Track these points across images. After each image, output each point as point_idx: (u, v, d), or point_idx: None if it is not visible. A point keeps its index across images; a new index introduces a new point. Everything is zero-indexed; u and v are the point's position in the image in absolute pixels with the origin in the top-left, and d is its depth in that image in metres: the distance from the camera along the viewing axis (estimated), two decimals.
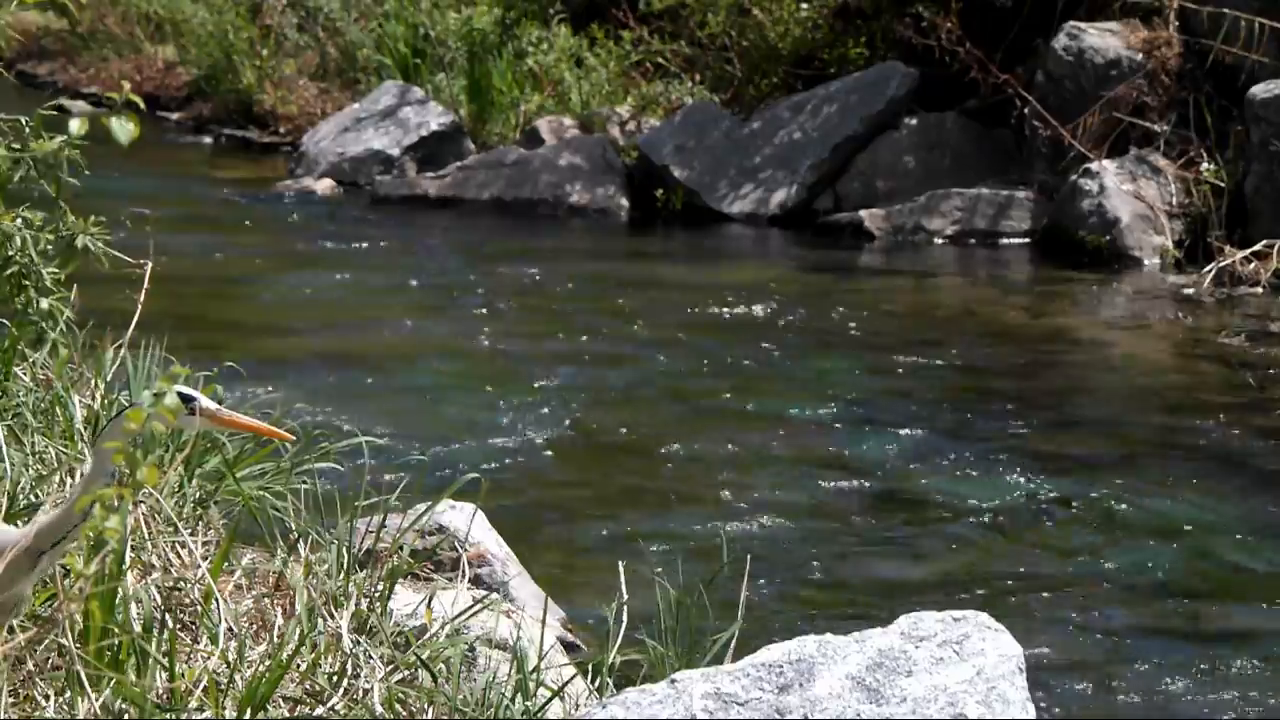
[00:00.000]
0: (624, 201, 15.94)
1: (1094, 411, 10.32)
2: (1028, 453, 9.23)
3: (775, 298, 12.89)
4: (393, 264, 13.88)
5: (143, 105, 4.21)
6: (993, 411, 10.06)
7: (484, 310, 12.35)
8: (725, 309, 12.58)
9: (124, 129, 3.92)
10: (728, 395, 10.21)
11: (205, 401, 3.85)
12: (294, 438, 4.70)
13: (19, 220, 5.15)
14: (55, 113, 5.35)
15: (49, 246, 5.23)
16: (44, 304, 5.29)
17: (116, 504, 3.37)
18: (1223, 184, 14.13)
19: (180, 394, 3.82)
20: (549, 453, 9.07)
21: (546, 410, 9.72)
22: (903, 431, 9.59)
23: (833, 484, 8.75)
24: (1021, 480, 8.82)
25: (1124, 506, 8.44)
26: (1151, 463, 9.20)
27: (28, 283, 5.22)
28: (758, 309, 12.58)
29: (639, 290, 13.16)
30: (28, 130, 5.10)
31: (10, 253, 5.17)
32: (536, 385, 10.24)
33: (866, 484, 8.77)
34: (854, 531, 8.09)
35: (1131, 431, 9.81)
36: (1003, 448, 9.30)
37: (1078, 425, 9.92)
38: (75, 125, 4.24)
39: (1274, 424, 9.81)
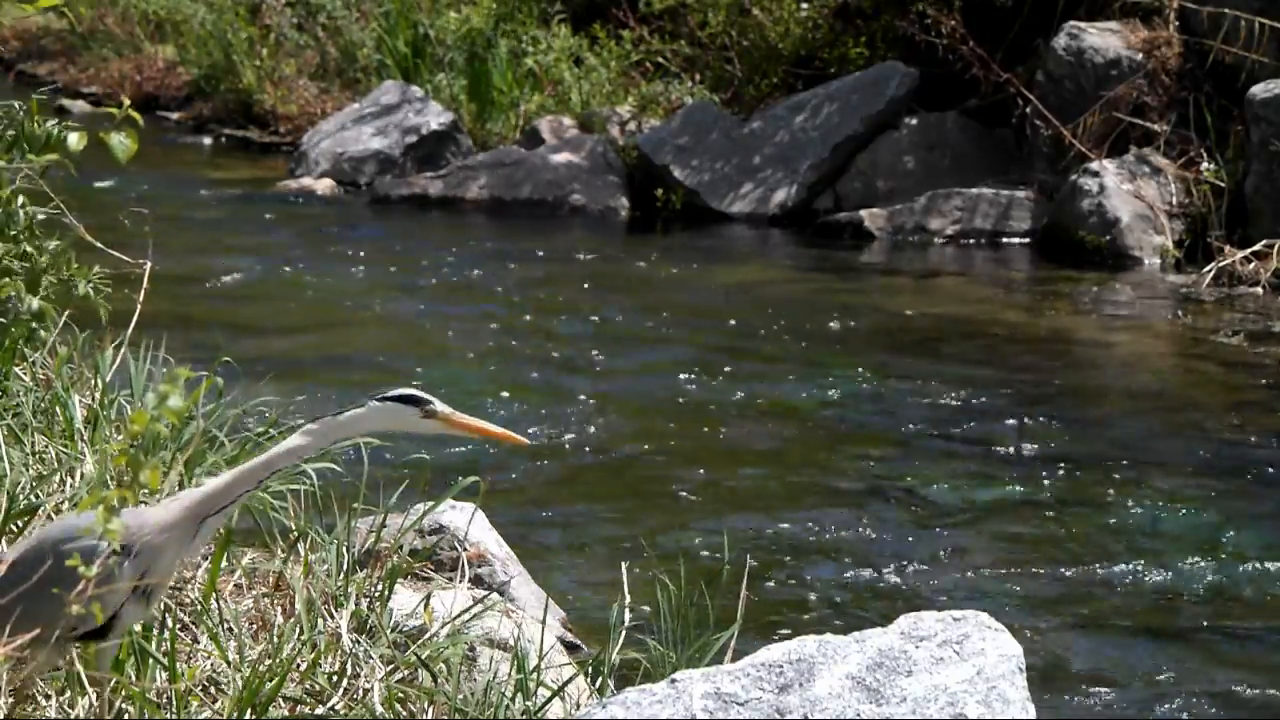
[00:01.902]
0: (624, 201, 15.93)
1: (1094, 411, 10.32)
2: (1028, 452, 9.23)
3: (775, 298, 12.89)
4: (392, 264, 13.87)
5: (140, 121, 4.22)
6: (993, 411, 10.06)
7: (483, 310, 12.35)
8: (725, 309, 12.57)
9: (122, 146, 3.93)
10: (727, 395, 10.21)
11: (440, 406, 3.86)
12: (529, 443, 4.69)
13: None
14: (46, 96, 5.34)
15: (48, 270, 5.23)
16: (34, 304, 5.28)
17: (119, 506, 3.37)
18: (1223, 184, 14.12)
19: (415, 397, 3.85)
20: (549, 453, 9.07)
21: (547, 410, 9.72)
22: (903, 431, 9.60)
23: (832, 483, 8.75)
24: (1021, 480, 8.82)
25: (1123, 506, 8.44)
26: (1151, 462, 9.20)
27: (12, 279, 5.22)
28: (758, 309, 12.58)
29: (639, 290, 13.16)
30: (22, 114, 5.09)
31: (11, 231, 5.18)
32: (536, 385, 10.24)
33: (866, 483, 8.77)
34: (854, 532, 8.09)
35: (1131, 431, 9.80)
36: (1003, 447, 9.30)
37: (1077, 425, 9.92)
38: (74, 139, 4.25)
39: (1274, 424, 9.80)
